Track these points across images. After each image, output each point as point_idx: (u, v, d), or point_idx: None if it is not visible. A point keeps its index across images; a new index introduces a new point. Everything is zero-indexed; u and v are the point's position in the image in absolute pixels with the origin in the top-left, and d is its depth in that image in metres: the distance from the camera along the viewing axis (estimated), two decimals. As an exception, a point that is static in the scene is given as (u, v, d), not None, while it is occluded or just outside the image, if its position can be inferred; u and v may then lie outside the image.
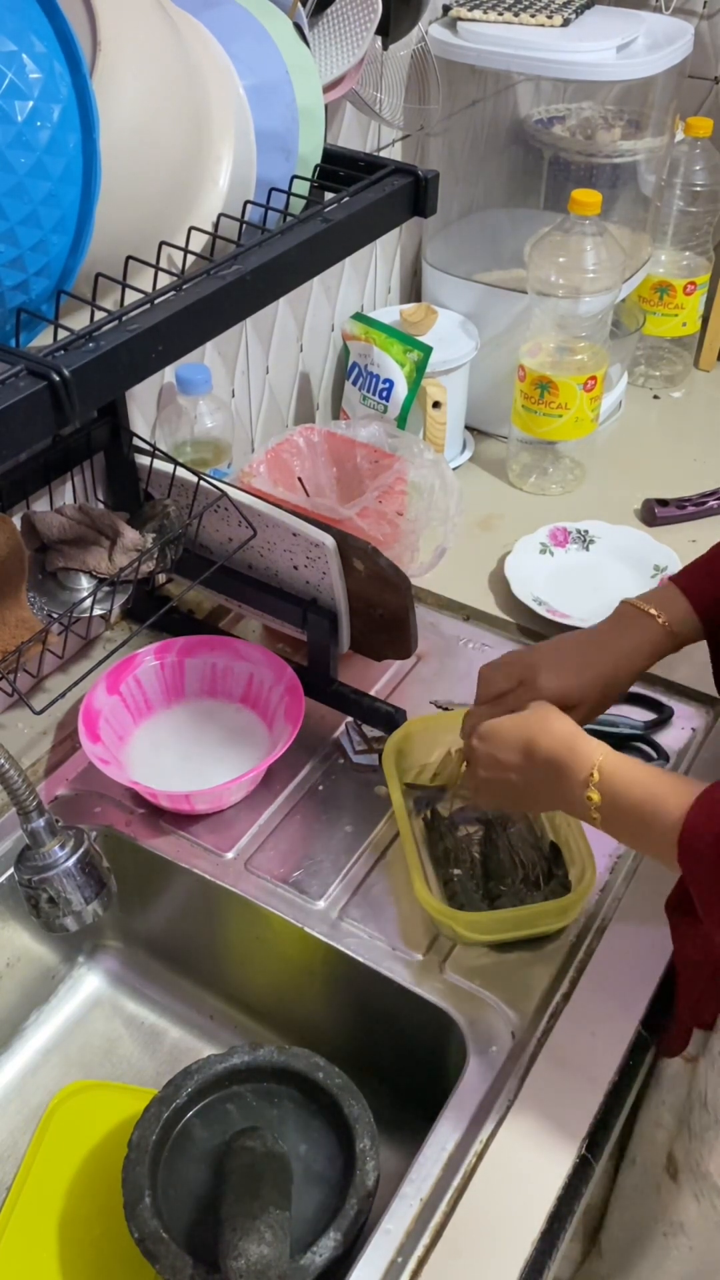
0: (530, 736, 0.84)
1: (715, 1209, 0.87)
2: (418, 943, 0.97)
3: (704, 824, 0.72)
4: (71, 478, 1.10)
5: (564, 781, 0.81)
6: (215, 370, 1.26)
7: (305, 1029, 1.05)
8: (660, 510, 1.44)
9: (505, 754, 0.86)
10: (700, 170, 1.62)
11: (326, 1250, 0.81)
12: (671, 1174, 0.90)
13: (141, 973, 1.13)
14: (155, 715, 1.14)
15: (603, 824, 0.80)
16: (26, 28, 0.60)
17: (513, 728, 0.86)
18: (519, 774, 0.85)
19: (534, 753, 0.84)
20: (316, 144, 0.88)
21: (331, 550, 1.03)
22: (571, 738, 0.82)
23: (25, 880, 0.85)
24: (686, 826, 0.72)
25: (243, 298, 0.74)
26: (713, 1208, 0.87)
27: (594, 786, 0.79)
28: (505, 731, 0.87)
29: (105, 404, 1.07)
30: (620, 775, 0.79)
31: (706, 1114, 0.86)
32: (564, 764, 0.81)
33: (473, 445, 1.58)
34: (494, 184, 1.70)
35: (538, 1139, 0.83)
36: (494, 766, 0.87)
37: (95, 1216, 0.94)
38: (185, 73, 0.73)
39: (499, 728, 0.87)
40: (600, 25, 1.42)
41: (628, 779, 0.78)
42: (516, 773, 0.85)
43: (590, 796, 0.79)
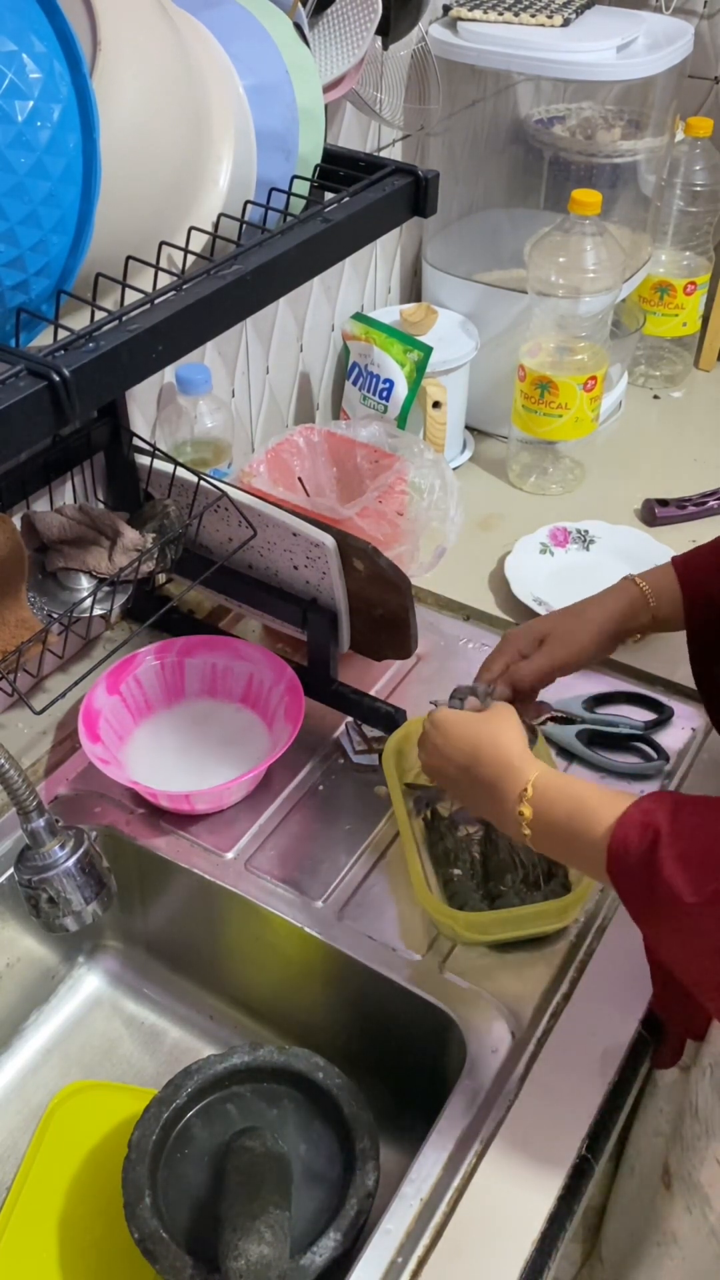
0: (475, 745, 0.86)
1: (706, 1220, 0.86)
2: (418, 943, 0.97)
3: (631, 836, 0.71)
4: (71, 478, 1.10)
5: (498, 795, 0.82)
6: (215, 370, 1.26)
7: (305, 1029, 1.05)
8: (660, 510, 1.44)
9: (450, 751, 0.88)
10: (700, 170, 1.62)
11: (326, 1250, 0.81)
12: (666, 1184, 0.90)
13: (141, 973, 1.13)
14: (155, 715, 1.14)
15: (534, 840, 0.80)
16: (26, 28, 0.60)
17: (464, 729, 0.88)
18: (460, 772, 0.87)
19: (476, 761, 0.85)
20: (316, 144, 0.88)
21: (331, 550, 1.03)
22: (510, 756, 0.83)
23: (25, 880, 0.85)
24: (614, 840, 0.72)
25: (243, 298, 0.74)
26: (703, 1219, 0.86)
27: (526, 802, 0.79)
28: (456, 730, 0.88)
29: (105, 404, 1.07)
30: (550, 790, 0.79)
31: (697, 1123, 0.86)
32: (500, 780, 0.82)
33: (473, 445, 1.58)
34: (494, 184, 1.70)
35: (538, 1139, 0.83)
36: (436, 756, 0.90)
37: (95, 1217, 0.94)
38: (185, 73, 0.73)
39: (452, 723, 0.89)
40: (600, 25, 1.42)
41: (562, 795, 0.79)
42: (457, 770, 0.87)
43: (522, 811, 0.80)
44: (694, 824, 0.69)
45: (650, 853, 0.69)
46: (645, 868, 0.70)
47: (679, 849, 0.68)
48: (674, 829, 0.69)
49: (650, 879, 0.69)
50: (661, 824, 0.70)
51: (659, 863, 0.68)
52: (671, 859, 0.68)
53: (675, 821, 0.70)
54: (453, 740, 0.88)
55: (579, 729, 1.14)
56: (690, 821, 0.69)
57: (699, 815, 0.70)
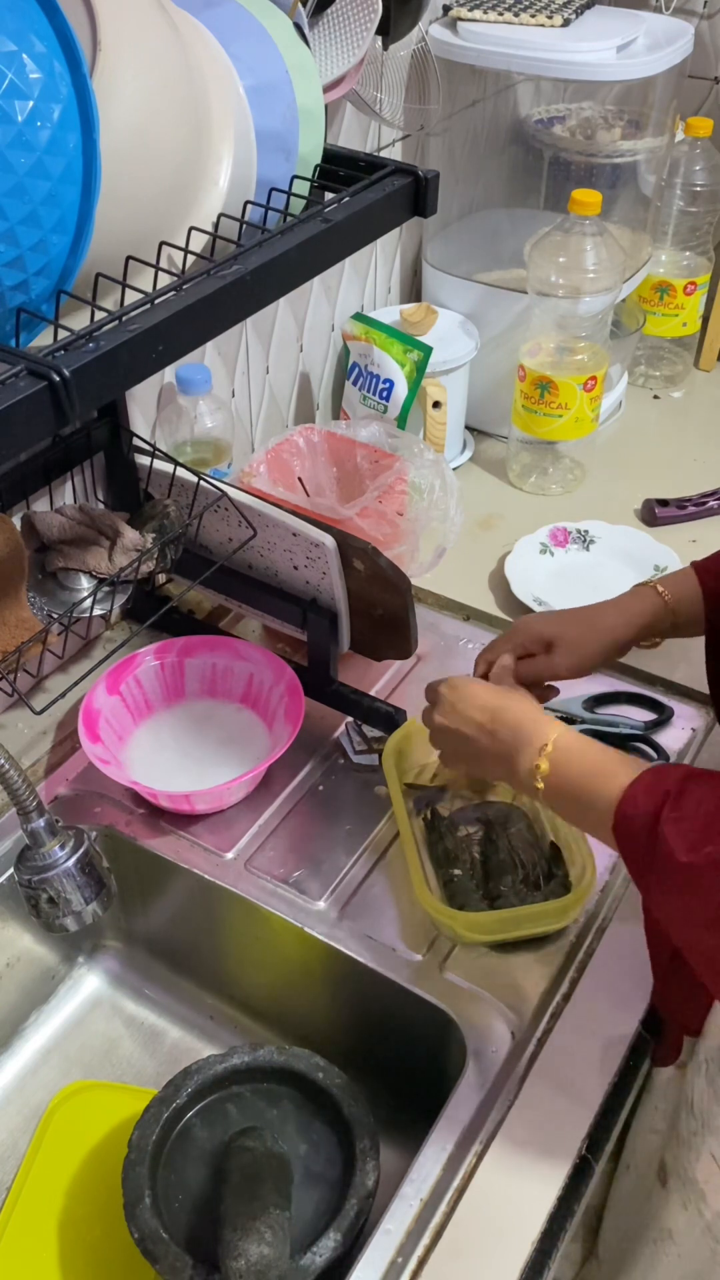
0: (497, 705, 0.87)
1: (702, 1216, 0.86)
2: (418, 943, 0.97)
3: (640, 800, 0.73)
4: (71, 478, 1.10)
5: (519, 747, 0.83)
6: (215, 370, 1.26)
7: (305, 1029, 1.05)
8: (660, 510, 1.44)
9: (469, 709, 0.88)
10: (700, 170, 1.62)
11: (326, 1250, 0.81)
12: (662, 1180, 0.90)
13: (141, 973, 1.13)
14: (155, 715, 1.14)
15: (546, 794, 0.82)
16: (26, 28, 0.60)
17: (485, 690, 0.90)
18: (477, 731, 0.88)
19: (496, 719, 0.86)
20: (316, 144, 0.88)
21: (331, 550, 1.03)
22: (534, 714, 0.85)
23: (25, 880, 0.85)
24: (623, 803, 0.74)
25: (243, 298, 0.74)
26: (699, 1215, 0.86)
27: (545, 756, 0.81)
28: (476, 691, 0.90)
29: (105, 404, 1.07)
30: (572, 749, 0.81)
31: (694, 1120, 0.86)
32: (524, 731, 0.84)
33: (473, 445, 1.58)
34: (494, 184, 1.70)
35: (538, 1139, 0.83)
36: (452, 715, 0.90)
37: (95, 1217, 0.94)
38: (185, 73, 0.73)
39: (471, 685, 0.91)
40: (600, 25, 1.42)
41: (578, 752, 0.81)
42: (474, 729, 0.88)
43: (539, 766, 0.81)
44: (701, 793, 0.71)
45: (654, 815, 0.71)
46: (648, 829, 0.71)
47: (681, 812, 0.70)
48: (680, 794, 0.71)
49: (651, 839, 0.71)
50: (670, 789, 0.72)
51: (659, 825, 0.70)
52: (673, 821, 0.70)
53: (683, 788, 0.71)
54: (473, 699, 0.89)
55: (579, 729, 1.13)
56: (698, 791, 0.71)
57: (707, 786, 0.72)
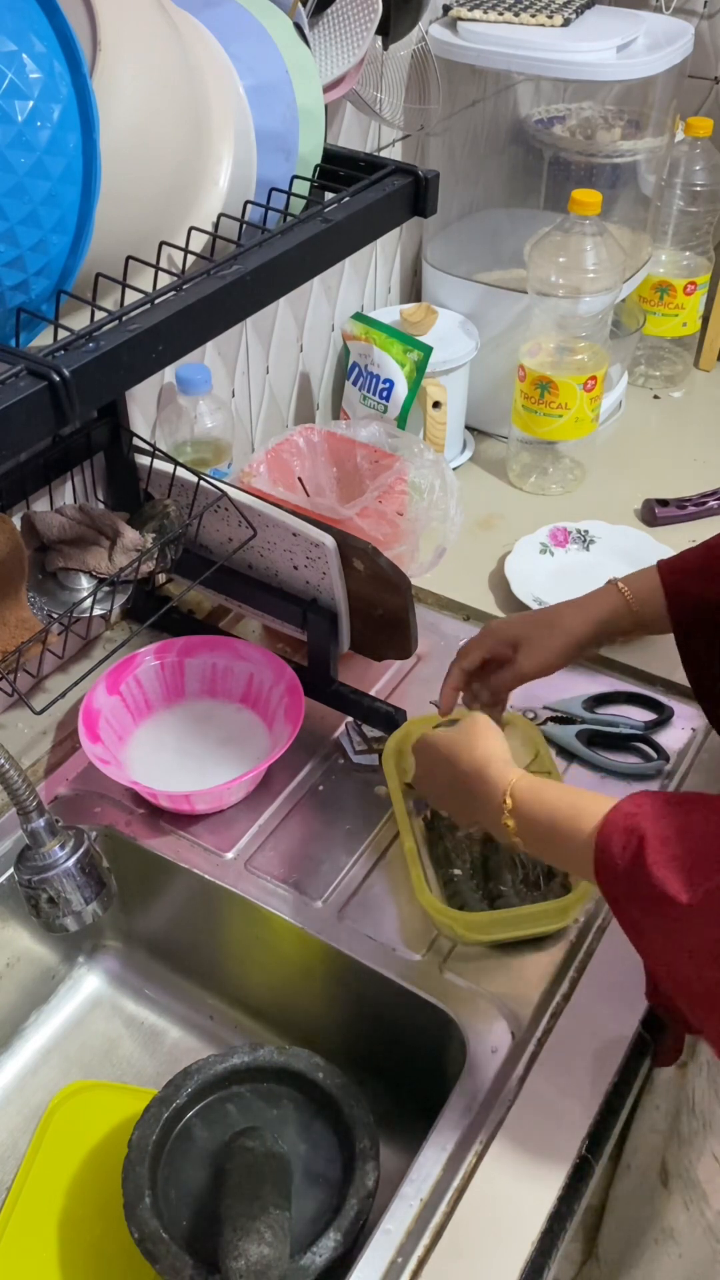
0: (453, 757, 0.87)
1: (704, 1216, 0.86)
2: (418, 943, 0.97)
3: (615, 841, 0.71)
4: (71, 478, 1.10)
5: (483, 805, 0.83)
6: (215, 370, 1.26)
7: (305, 1029, 1.05)
8: (660, 510, 1.44)
9: (436, 768, 0.90)
10: (700, 170, 1.62)
11: (326, 1250, 0.81)
12: (664, 1181, 0.90)
13: (141, 973, 1.13)
14: (155, 715, 1.14)
15: (526, 847, 0.81)
16: (26, 28, 0.60)
17: (442, 746, 0.89)
18: (446, 791, 0.89)
19: (456, 773, 0.86)
20: (316, 144, 0.88)
21: (331, 550, 1.03)
22: (485, 764, 0.84)
23: (25, 880, 0.85)
24: (598, 848, 0.72)
25: (243, 298, 0.74)
26: (701, 1215, 0.86)
27: (508, 814, 0.80)
28: (435, 748, 0.90)
29: (105, 404, 1.07)
30: (532, 799, 0.80)
31: (695, 1119, 0.86)
32: (479, 791, 0.83)
33: (473, 445, 1.58)
34: (494, 184, 1.70)
35: (538, 1139, 0.83)
36: (426, 779, 0.92)
37: (95, 1216, 0.94)
38: (185, 73, 0.73)
39: (431, 743, 0.91)
40: (600, 25, 1.42)
41: (539, 801, 0.79)
42: (444, 790, 0.89)
43: (506, 823, 0.80)
44: (680, 825, 0.69)
45: (637, 857, 0.69)
46: (632, 873, 0.69)
47: (668, 852, 0.68)
48: (659, 832, 0.69)
49: (637, 884, 0.69)
50: (646, 828, 0.70)
51: (648, 867, 0.68)
52: (662, 862, 0.68)
53: (659, 824, 0.70)
54: (433, 757, 0.90)
55: (579, 729, 1.14)
56: (675, 823, 0.69)
57: (683, 815, 0.70)
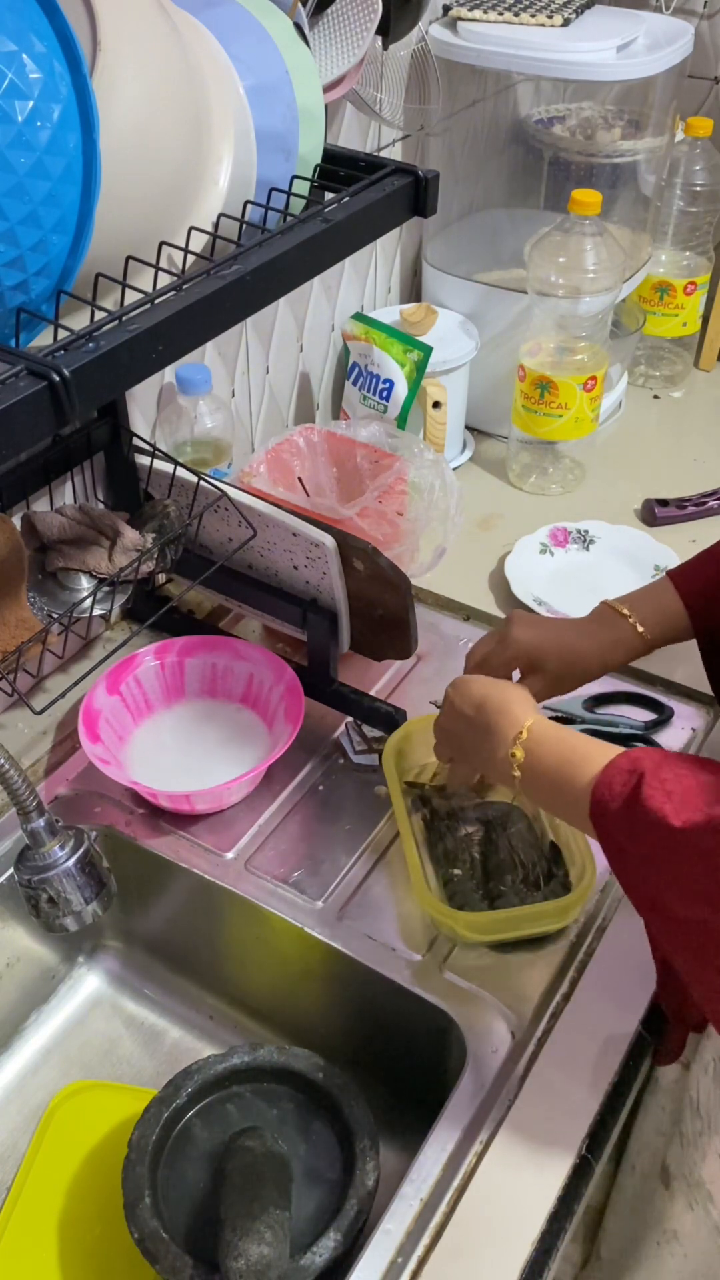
0: (484, 696, 0.89)
1: (709, 1216, 0.86)
2: (418, 943, 0.97)
3: (616, 780, 0.74)
4: (71, 478, 1.10)
5: (495, 739, 0.85)
6: (215, 370, 1.26)
7: (305, 1029, 1.05)
8: (660, 510, 1.44)
9: (460, 703, 0.91)
10: (700, 170, 1.62)
11: (326, 1250, 0.81)
12: (665, 1182, 0.90)
13: (141, 973, 1.13)
14: (155, 715, 1.14)
15: (523, 783, 0.82)
16: (26, 28, 0.60)
17: (478, 684, 0.91)
18: (464, 725, 0.89)
19: (480, 709, 0.88)
20: (316, 144, 0.88)
21: (331, 550, 1.03)
22: (512, 704, 0.86)
23: (25, 880, 0.85)
24: (598, 786, 0.75)
25: (243, 298, 0.74)
26: (706, 1215, 0.86)
27: (519, 744, 0.82)
28: (471, 684, 0.92)
29: (105, 404, 1.07)
30: (547, 736, 0.82)
31: (699, 1119, 0.86)
32: (503, 720, 0.85)
33: (473, 445, 1.58)
34: (494, 184, 1.70)
35: (538, 1139, 0.83)
36: (449, 712, 0.92)
37: (95, 1217, 0.94)
38: (185, 73, 0.73)
39: (469, 680, 0.93)
40: (600, 25, 1.42)
41: (554, 739, 0.82)
42: (462, 723, 0.90)
43: (514, 754, 0.82)
44: (680, 768, 0.72)
45: (635, 791, 0.72)
46: (628, 803, 0.72)
47: (666, 786, 0.71)
48: (659, 770, 0.72)
49: (632, 812, 0.71)
50: (646, 767, 0.72)
51: (644, 798, 0.70)
52: (658, 794, 0.70)
53: (662, 766, 0.72)
54: (465, 694, 0.90)
55: (579, 729, 1.14)
56: (677, 766, 0.72)
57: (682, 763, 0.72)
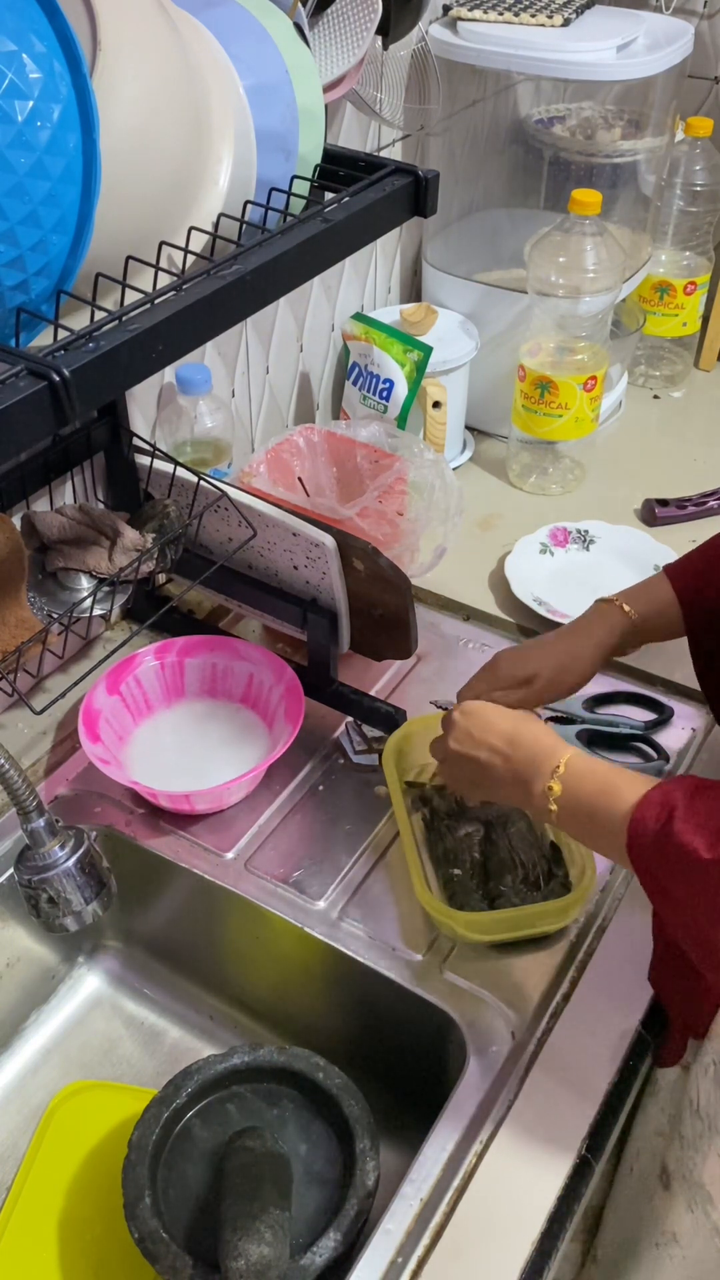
0: (514, 728, 0.89)
1: (709, 1218, 0.86)
2: (418, 943, 0.97)
3: (650, 814, 0.74)
4: (71, 478, 1.10)
5: (534, 770, 0.85)
6: (215, 370, 1.26)
7: (305, 1029, 1.05)
8: (660, 510, 1.44)
9: (487, 735, 0.89)
10: (700, 170, 1.62)
11: (326, 1250, 0.81)
12: (665, 1183, 0.90)
13: (141, 973, 1.13)
14: (155, 715, 1.14)
15: (559, 816, 0.83)
16: (26, 28, 0.60)
17: (502, 714, 0.91)
18: (493, 756, 0.88)
19: (514, 743, 0.87)
20: (316, 144, 0.88)
21: (331, 550, 1.03)
22: (547, 738, 0.87)
23: (25, 880, 0.85)
24: (634, 820, 0.75)
25: (243, 298, 0.74)
26: (705, 1217, 0.86)
27: (557, 779, 0.82)
28: (492, 714, 0.91)
29: (105, 404, 1.07)
30: (583, 769, 0.83)
31: (699, 1121, 0.86)
32: (540, 755, 0.85)
33: (473, 445, 1.58)
34: (494, 184, 1.70)
35: (538, 1139, 0.83)
36: (468, 742, 0.90)
37: (95, 1216, 0.94)
38: (185, 73, 0.73)
39: (487, 709, 0.92)
40: (600, 25, 1.42)
41: (589, 772, 0.82)
42: (492, 754, 0.88)
43: (551, 787, 0.82)
44: (711, 802, 0.72)
45: (667, 824, 0.73)
46: (661, 837, 0.73)
47: (695, 821, 0.71)
48: (691, 803, 0.73)
49: (665, 846, 0.72)
50: (679, 800, 0.73)
51: (675, 831, 0.72)
52: (689, 828, 0.71)
53: (694, 798, 0.73)
54: (488, 723, 0.90)
55: (579, 729, 1.14)
56: (707, 802, 0.73)
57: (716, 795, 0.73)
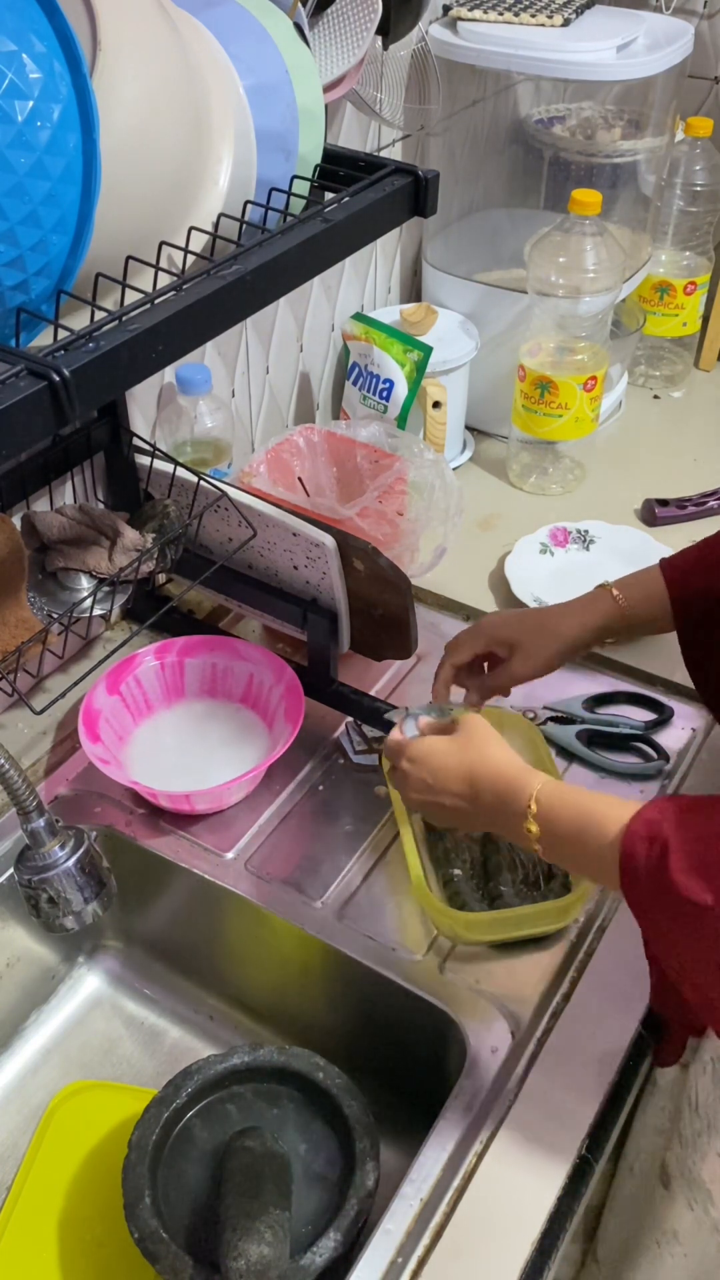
0: (470, 773, 0.83)
1: (709, 1216, 0.86)
2: (418, 943, 0.97)
3: (639, 849, 0.71)
4: (71, 478, 1.10)
5: (505, 816, 0.81)
6: (215, 370, 1.26)
7: (305, 1029, 1.05)
8: (660, 510, 1.44)
9: (443, 784, 0.84)
10: (700, 170, 1.62)
11: (326, 1250, 0.81)
12: (664, 1182, 0.90)
13: (141, 973, 1.13)
14: (155, 715, 1.14)
15: (545, 854, 0.79)
16: (26, 28, 0.60)
17: (451, 759, 0.84)
18: (459, 801, 0.84)
19: (475, 790, 0.83)
20: (316, 144, 0.88)
21: (331, 550, 1.03)
22: (508, 769, 0.82)
23: (25, 880, 0.85)
24: (623, 855, 0.71)
25: (243, 298, 0.74)
26: (706, 1215, 0.86)
27: (532, 819, 0.78)
28: (443, 760, 0.85)
29: (105, 404, 1.07)
30: (556, 804, 0.78)
31: (699, 1119, 0.86)
32: (503, 798, 0.81)
33: (473, 445, 1.58)
34: (494, 184, 1.70)
35: (538, 1139, 0.83)
36: (427, 791, 0.86)
37: (95, 1216, 0.94)
38: (185, 73, 0.73)
39: (434, 752, 0.85)
40: (600, 25, 1.42)
41: (564, 806, 0.77)
42: (456, 799, 0.84)
43: (529, 829, 0.78)
44: (702, 830, 0.69)
45: (660, 863, 0.69)
46: (656, 879, 0.69)
47: (691, 860, 0.68)
48: (682, 838, 0.69)
49: (663, 890, 0.69)
50: (669, 834, 0.70)
51: (670, 874, 0.68)
52: (686, 868, 0.68)
53: (682, 831, 0.69)
54: (443, 773, 0.84)
55: (579, 729, 1.14)
56: (698, 828, 0.69)
57: (705, 821, 0.70)
